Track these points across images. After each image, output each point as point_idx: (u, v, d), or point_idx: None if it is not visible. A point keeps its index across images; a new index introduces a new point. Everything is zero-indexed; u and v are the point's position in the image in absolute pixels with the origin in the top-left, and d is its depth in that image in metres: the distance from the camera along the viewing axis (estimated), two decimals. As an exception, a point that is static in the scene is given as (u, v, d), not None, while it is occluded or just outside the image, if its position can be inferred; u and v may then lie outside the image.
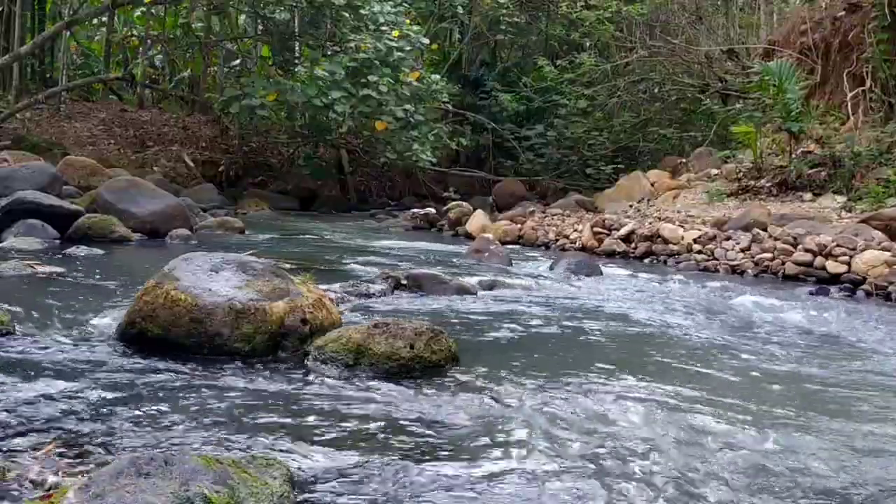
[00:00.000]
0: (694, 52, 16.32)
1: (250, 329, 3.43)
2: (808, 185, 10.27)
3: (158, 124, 17.93)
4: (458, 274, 6.28)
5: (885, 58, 10.73)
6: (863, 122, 10.68)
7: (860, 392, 3.45)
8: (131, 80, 18.60)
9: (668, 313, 5.33)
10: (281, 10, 16.05)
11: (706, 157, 13.13)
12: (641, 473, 2.35)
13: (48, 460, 2.18)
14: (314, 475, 2.22)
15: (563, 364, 3.70)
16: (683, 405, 3.05)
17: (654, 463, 2.43)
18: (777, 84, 10.70)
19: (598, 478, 2.30)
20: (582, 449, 2.53)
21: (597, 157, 16.84)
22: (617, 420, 2.83)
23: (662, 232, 8.80)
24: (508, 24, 19.17)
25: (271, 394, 2.97)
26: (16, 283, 5.04)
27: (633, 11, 16.14)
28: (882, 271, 6.71)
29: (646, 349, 4.23)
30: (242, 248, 7.24)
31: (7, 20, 16.62)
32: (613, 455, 2.48)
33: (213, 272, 3.63)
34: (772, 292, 6.41)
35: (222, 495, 1.77)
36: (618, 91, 16.67)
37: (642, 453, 2.50)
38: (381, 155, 15.90)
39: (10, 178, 8.32)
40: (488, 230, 10.68)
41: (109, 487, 1.70)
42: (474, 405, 2.93)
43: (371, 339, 3.34)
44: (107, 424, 2.53)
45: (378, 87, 13.74)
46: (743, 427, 2.81)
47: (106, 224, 7.78)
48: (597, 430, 2.71)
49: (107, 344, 3.58)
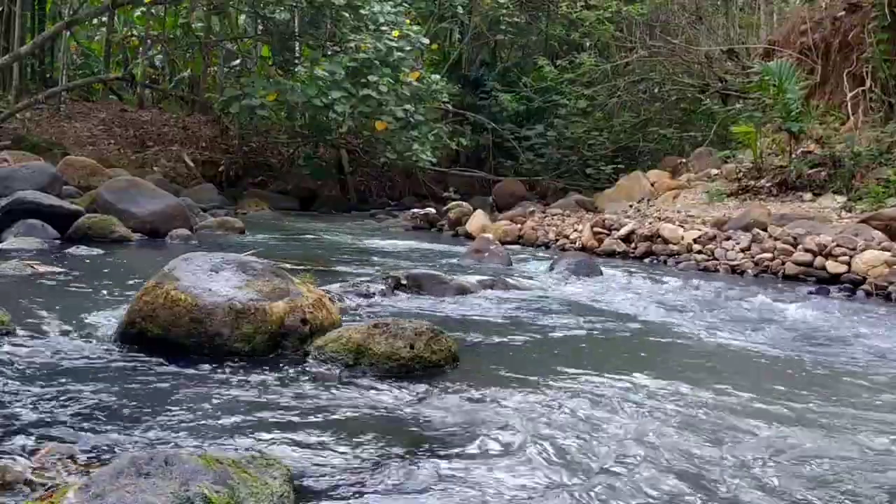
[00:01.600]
0: (694, 52, 16.32)
1: (250, 329, 3.43)
2: (808, 185, 10.26)
3: (158, 124, 17.93)
4: (458, 274, 6.28)
5: (885, 58, 10.72)
6: (863, 122, 10.68)
7: (861, 392, 3.45)
8: (131, 80, 18.60)
9: (668, 313, 5.33)
10: (281, 10, 16.05)
11: (706, 157, 13.13)
12: (641, 473, 2.34)
13: (48, 460, 2.18)
14: (314, 475, 2.23)
15: (563, 364, 3.70)
16: (683, 405, 3.05)
17: (654, 462, 2.43)
18: (777, 84, 10.69)
19: (598, 478, 2.30)
20: (582, 449, 2.53)
21: (597, 157, 16.84)
22: (617, 420, 2.83)
23: (662, 232, 8.79)
24: (508, 24, 19.17)
25: (271, 394, 2.97)
26: (16, 283, 5.05)
27: (633, 11, 16.14)
28: (882, 271, 6.71)
29: (646, 349, 4.23)
30: (242, 248, 7.23)
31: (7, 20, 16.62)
32: (613, 454, 2.48)
33: (213, 272, 3.63)
34: (772, 292, 6.40)
35: (222, 495, 1.77)
36: (618, 91, 16.67)
37: (642, 452, 2.50)
38: (381, 155, 15.90)
39: (10, 178, 8.33)
40: (488, 230, 10.68)
41: (109, 487, 1.70)
42: (474, 405, 2.93)
43: (371, 339, 3.34)
44: (107, 424, 2.53)
45: (378, 87, 13.74)
46: (743, 426, 2.81)
47: (106, 224, 7.78)
48: (597, 430, 2.71)
49: (107, 344, 3.58)
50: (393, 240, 10.34)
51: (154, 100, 20.38)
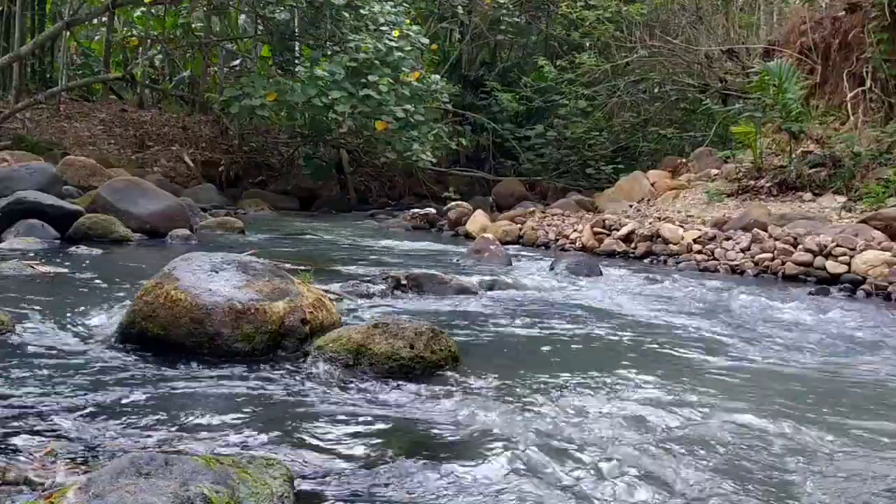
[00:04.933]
0: (694, 52, 16.32)
1: (250, 329, 3.43)
2: (808, 185, 10.26)
3: (158, 124, 17.93)
4: (458, 274, 6.28)
5: (885, 58, 10.72)
6: (863, 122, 10.67)
7: (861, 392, 3.45)
8: (131, 80, 18.59)
9: (668, 313, 5.33)
10: (281, 10, 16.05)
11: (706, 158, 13.12)
12: (642, 472, 2.34)
13: (48, 460, 2.18)
14: (314, 475, 2.22)
15: (563, 364, 3.70)
16: (684, 405, 3.05)
17: (655, 462, 2.43)
18: (777, 84, 10.69)
19: (598, 477, 2.30)
20: (582, 449, 2.53)
21: (597, 157, 16.84)
22: (617, 419, 2.83)
23: (662, 232, 8.79)
24: (508, 24, 19.18)
25: (271, 394, 2.97)
26: (16, 283, 5.05)
27: (633, 11, 16.14)
28: (882, 271, 6.70)
29: (646, 349, 4.22)
30: (242, 248, 7.23)
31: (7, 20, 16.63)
32: (613, 454, 2.48)
33: (213, 272, 3.63)
34: (772, 292, 6.40)
35: (222, 495, 1.77)
36: (618, 91, 16.67)
37: (643, 452, 2.50)
38: (381, 155, 15.91)
39: (10, 178, 8.33)
40: (488, 230, 10.68)
41: (109, 487, 1.70)
42: (474, 405, 2.93)
43: (371, 339, 3.34)
44: (107, 424, 2.53)
45: (378, 87, 13.74)
46: (744, 426, 2.81)
47: (106, 224, 7.78)
48: (597, 430, 2.71)
49: (107, 344, 3.58)
50: (393, 240, 10.34)
51: (154, 100, 20.38)
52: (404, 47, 14.45)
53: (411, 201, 17.13)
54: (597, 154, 16.86)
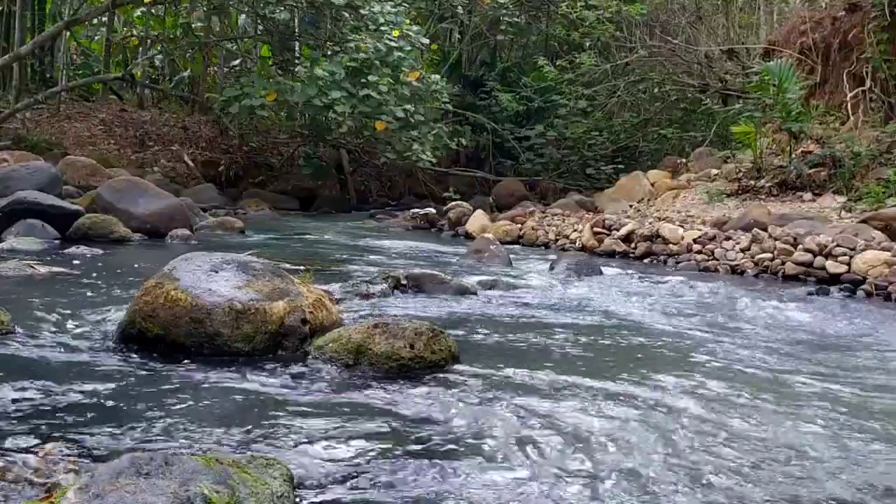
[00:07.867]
0: (694, 52, 16.32)
1: (250, 329, 3.43)
2: (808, 185, 10.26)
3: (158, 124, 17.93)
4: (458, 274, 6.28)
5: (885, 58, 10.73)
6: (863, 122, 10.68)
7: (861, 392, 3.45)
8: (131, 80, 18.60)
9: (668, 314, 5.33)
10: (281, 10, 16.05)
11: (706, 158, 13.13)
12: (643, 472, 2.34)
13: (48, 460, 2.18)
14: (314, 475, 2.22)
15: (563, 364, 3.70)
16: (684, 405, 3.05)
17: (655, 462, 2.43)
18: (777, 84, 10.69)
19: (598, 477, 2.30)
20: (582, 449, 2.53)
21: (597, 157, 16.84)
22: (617, 420, 2.83)
23: (662, 232, 8.80)
24: (508, 24, 19.16)
25: (271, 394, 2.97)
26: (16, 283, 5.04)
27: (633, 11, 16.14)
28: (882, 271, 6.71)
29: (645, 349, 4.23)
30: (242, 248, 7.23)
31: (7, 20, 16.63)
32: (613, 454, 2.48)
33: (213, 272, 3.62)
34: (772, 292, 6.41)
35: (222, 495, 1.77)
36: (618, 91, 16.67)
37: (643, 452, 2.50)
38: (381, 155, 15.90)
39: (10, 178, 8.33)
40: (488, 230, 10.68)
41: (109, 487, 1.70)
42: (474, 405, 2.93)
43: (371, 339, 3.33)
44: (106, 424, 2.53)
45: (378, 87, 13.74)
46: (745, 426, 2.81)
47: (106, 224, 7.77)
48: (598, 430, 2.71)
49: (107, 344, 3.58)
50: (393, 240, 10.34)
51: (154, 100, 20.38)
52: (404, 47, 14.45)
53: (411, 201, 17.13)
54: (597, 154, 16.86)
